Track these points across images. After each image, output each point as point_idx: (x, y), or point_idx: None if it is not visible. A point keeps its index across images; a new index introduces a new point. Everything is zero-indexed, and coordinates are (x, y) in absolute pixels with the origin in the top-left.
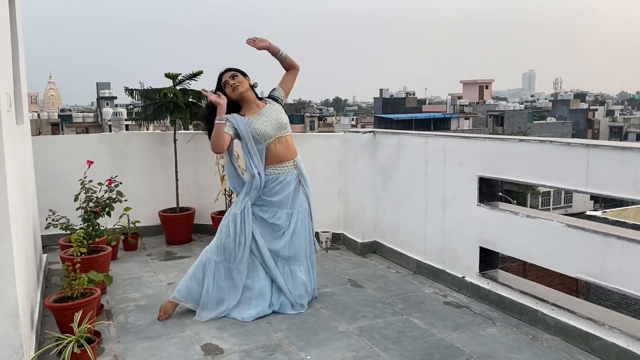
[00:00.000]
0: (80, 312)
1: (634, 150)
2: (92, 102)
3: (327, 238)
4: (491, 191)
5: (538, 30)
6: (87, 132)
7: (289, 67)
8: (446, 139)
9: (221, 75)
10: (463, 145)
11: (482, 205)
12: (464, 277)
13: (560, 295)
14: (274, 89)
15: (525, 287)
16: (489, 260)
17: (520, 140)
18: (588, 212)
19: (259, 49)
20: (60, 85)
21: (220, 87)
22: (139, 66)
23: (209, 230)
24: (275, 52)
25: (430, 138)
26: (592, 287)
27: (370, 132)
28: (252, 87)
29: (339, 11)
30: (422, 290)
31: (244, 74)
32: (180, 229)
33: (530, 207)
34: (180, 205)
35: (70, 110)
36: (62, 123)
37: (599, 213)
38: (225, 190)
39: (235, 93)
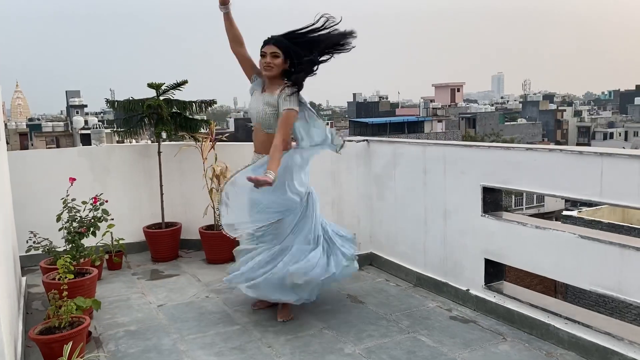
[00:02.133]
0: (70, 344)
1: None
2: (62, 111)
3: None
4: (495, 201)
5: (506, 31)
6: (57, 142)
7: (236, 35)
8: (446, 147)
9: (265, 42)
10: (464, 154)
11: (486, 215)
12: (469, 290)
13: (573, 308)
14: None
15: (534, 299)
16: (494, 272)
17: (528, 149)
18: (565, 212)
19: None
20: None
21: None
22: (109, 73)
23: (196, 246)
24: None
25: (429, 147)
26: (569, 286)
27: (364, 140)
28: (289, 70)
29: (307, 11)
30: (426, 305)
31: (288, 54)
32: (166, 245)
33: (504, 207)
34: (165, 221)
35: (39, 119)
36: (31, 133)
37: (574, 213)
38: (213, 203)
39: (264, 72)
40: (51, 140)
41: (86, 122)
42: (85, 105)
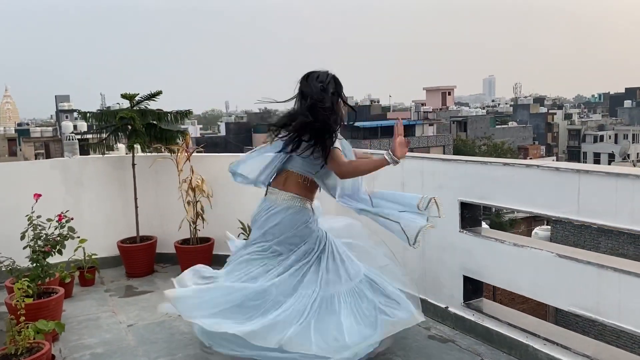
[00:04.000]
0: None
1: (630, 177)
2: (51, 115)
3: None
4: (473, 216)
5: (496, 34)
6: (46, 147)
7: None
8: (424, 160)
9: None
10: (442, 168)
11: (464, 231)
12: (447, 307)
13: (552, 329)
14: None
15: (513, 319)
16: (473, 289)
17: (505, 164)
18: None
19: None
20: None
21: (340, 96)
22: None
23: (172, 260)
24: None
25: (407, 159)
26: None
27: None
28: None
29: (296, 18)
30: None
31: None
32: (141, 260)
33: (496, 210)
34: (140, 234)
35: (27, 124)
36: (20, 138)
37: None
38: (190, 216)
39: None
40: (40, 145)
41: (75, 127)
42: (75, 110)
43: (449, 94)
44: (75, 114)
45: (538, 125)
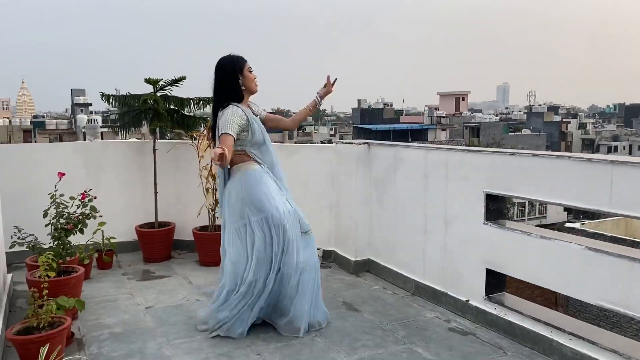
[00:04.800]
0: (47, 345)
1: None
2: (67, 109)
3: (318, 255)
4: (498, 208)
5: (512, 43)
6: (60, 139)
7: (299, 121)
8: (448, 152)
9: (244, 60)
10: (467, 159)
11: (489, 224)
12: (468, 300)
13: (577, 323)
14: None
15: (537, 312)
16: (495, 282)
17: (534, 154)
18: (567, 224)
19: (324, 93)
20: (34, 91)
21: (239, 70)
22: (115, 73)
23: (190, 247)
24: (314, 105)
25: (431, 151)
26: (571, 298)
27: (364, 143)
28: None
29: (317, 19)
30: (423, 315)
31: None
32: (159, 245)
33: (507, 218)
34: (159, 220)
35: (43, 116)
36: (35, 130)
37: (577, 225)
38: (209, 203)
39: (256, 88)
40: (54, 137)
41: (89, 121)
42: (90, 104)
43: (463, 99)
44: (90, 108)
45: (552, 134)
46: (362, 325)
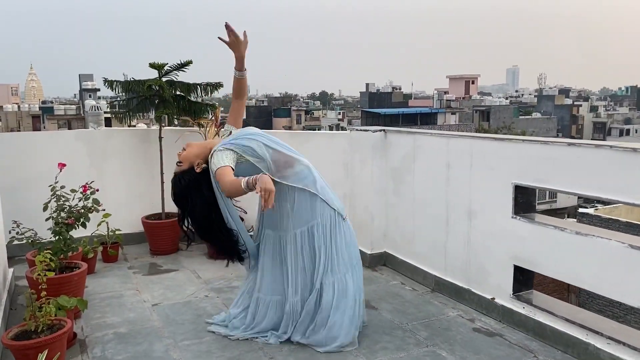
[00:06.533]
0: (46, 351)
1: None
2: (75, 94)
3: None
4: (528, 201)
5: (521, 25)
6: (69, 125)
7: (241, 92)
8: (473, 140)
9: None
10: (494, 147)
11: (518, 217)
12: (494, 298)
13: (615, 326)
14: (226, 127)
15: (570, 313)
16: (523, 280)
17: (570, 144)
18: (580, 210)
19: (229, 41)
20: (42, 76)
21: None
22: (123, 58)
23: (197, 239)
24: (240, 65)
25: (453, 139)
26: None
27: (381, 130)
28: None
29: (323, 4)
30: (446, 313)
31: None
32: (166, 237)
33: None
34: (166, 211)
35: (52, 102)
36: (44, 115)
37: (591, 210)
38: None
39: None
40: (63, 123)
41: (93, 107)
42: (98, 89)
43: (473, 82)
44: (98, 93)
45: (563, 117)
46: (381, 325)
